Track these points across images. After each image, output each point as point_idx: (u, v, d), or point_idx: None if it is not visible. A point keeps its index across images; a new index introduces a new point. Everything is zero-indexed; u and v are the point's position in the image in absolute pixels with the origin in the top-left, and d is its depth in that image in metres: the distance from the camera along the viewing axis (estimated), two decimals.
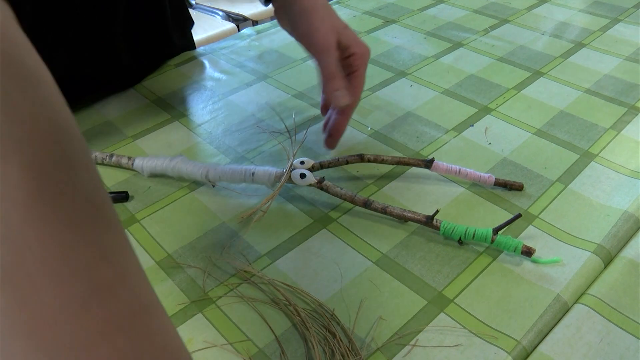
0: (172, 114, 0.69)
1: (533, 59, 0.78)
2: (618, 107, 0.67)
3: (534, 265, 0.47)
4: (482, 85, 0.72)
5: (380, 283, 0.46)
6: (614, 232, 0.49)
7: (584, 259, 0.47)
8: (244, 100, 0.71)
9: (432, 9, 0.95)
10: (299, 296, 0.45)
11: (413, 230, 0.50)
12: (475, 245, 0.49)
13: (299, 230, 0.51)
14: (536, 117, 0.66)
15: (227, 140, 0.63)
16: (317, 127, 0.65)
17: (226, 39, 0.89)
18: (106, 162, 0.60)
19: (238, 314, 0.43)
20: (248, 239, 0.50)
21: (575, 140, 0.61)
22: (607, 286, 0.44)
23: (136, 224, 0.53)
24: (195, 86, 0.75)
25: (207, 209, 0.54)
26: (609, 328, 0.41)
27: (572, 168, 0.57)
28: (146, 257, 0.49)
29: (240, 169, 0.53)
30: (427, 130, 0.64)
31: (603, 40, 0.83)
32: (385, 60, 0.79)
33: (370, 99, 0.70)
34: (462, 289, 0.45)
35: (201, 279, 0.47)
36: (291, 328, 0.42)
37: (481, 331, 0.41)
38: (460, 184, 0.56)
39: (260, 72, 0.77)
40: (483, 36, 0.85)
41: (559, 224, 0.51)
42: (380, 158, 0.55)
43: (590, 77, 0.74)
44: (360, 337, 0.41)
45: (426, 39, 0.85)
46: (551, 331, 0.41)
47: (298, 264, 0.47)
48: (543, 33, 0.86)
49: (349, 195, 0.51)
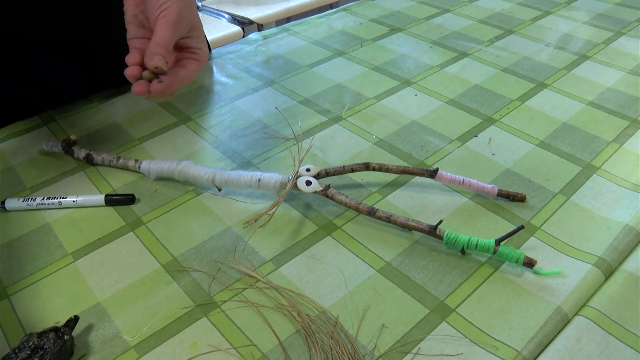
0: (179, 118, 0.70)
1: (537, 70, 0.79)
2: (620, 120, 0.68)
3: (535, 276, 0.47)
4: (487, 95, 0.73)
5: (383, 291, 0.46)
6: (614, 245, 0.50)
7: (585, 271, 0.47)
8: (250, 105, 0.72)
9: (437, 18, 0.96)
10: (303, 302, 0.45)
11: (416, 239, 0.51)
12: (478, 255, 0.49)
13: (304, 236, 0.51)
14: (539, 128, 0.66)
15: (233, 145, 0.64)
16: (323, 133, 0.66)
17: (233, 43, 0.89)
18: (113, 164, 0.60)
19: (243, 319, 0.44)
20: (253, 244, 0.51)
21: (578, 153, 0.62)
22: (607, 299, 0.45)
23: (142, 227, 0.53)
24: (201, 90, 0.76)
25: (212, 213, 0.54)
26: (609, 340, 0.42)
27: (574, 180, 0.58)
28: (152, 260, 0.50)
29: (247, 174, 0.54)
30: (431, 139, 0.64)
31: (606, 53, 0.84)
32: (390, 68, 0.80)
33: (376, 107, 0.70)
34: (463, 298, 0.46)
35: (206, 282, 0.47)
36: (295, 334, 0.43)
37: (482, 341, 0.42)
38: (463, 194, 0.56)
39: (266, 78, 0.78)
40: (488, 46, 0.86)
41: (561, 235, 0.51)
42: (386, 167, 0.56)
43: (593, 90, 0.74)
44: (363, 344, 0.42)
45: (431, 48, 0.86)
46: (551, 342, 0.42)
47: (302, 270, 0.48)
48: (547, 44, 0.87)
49: (353, 204, 0.51)
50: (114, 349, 0.42)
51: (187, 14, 0.51)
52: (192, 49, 0.53)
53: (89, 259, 0.50)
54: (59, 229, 0.53)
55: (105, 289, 0.47)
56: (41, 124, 0.69)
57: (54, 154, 0.63)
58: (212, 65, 0.82)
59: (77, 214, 0.55)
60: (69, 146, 0.62)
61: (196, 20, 0.54)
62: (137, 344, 0.42)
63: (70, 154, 0.62)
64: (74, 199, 0.55)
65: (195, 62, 0.53)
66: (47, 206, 0.55)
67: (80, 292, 0.47)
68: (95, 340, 0.43)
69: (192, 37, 0.53)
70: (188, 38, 0.53)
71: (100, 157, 0.61)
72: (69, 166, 0.62)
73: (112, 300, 0.46)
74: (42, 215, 0.55)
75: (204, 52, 0.54)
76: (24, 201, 0.55)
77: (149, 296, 0.46)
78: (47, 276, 0.48)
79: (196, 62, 0.53)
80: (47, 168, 0.61)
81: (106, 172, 0.60)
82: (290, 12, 1.94)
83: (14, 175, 0.60)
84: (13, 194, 0.58)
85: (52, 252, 0.51)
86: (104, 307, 0.45)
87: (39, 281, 0.48)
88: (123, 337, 0.43)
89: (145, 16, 0.51)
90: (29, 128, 0.68)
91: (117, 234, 0.53)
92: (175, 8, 0.49)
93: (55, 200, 0.55)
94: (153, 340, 0.43)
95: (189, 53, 0.53)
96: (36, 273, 0.49)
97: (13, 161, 0.63)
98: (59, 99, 0.73)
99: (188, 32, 0.52)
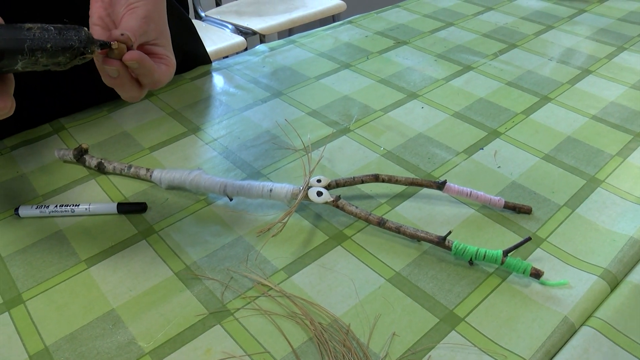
0: (188, 127, 0.71)
1: (540, 85, 0.80)
2: (624, 135, 0.69)
3: (542, 286, 0.48)
4: (492, 109, 0.74)
5: (393, 300, 0.47)
6: (619, 257, 0.51)
7: (591, 283, 0.48)
8: (259, 116, 0.73)
9: (442, 32, 0.98)
10: (315, 310, 0.46)
11: (425, 249, 0.52)
12: (485, 265, 0.50)
13: (315, 246, 0.52)
14: (544, 141, 0.67)
15: (243, 155, 0.65)
16: (331, 145, 0.67)
17: (240, 54, 0.91)
18: (124, 172, 0.61)
19: (256, 327, 0.45)
20: (265, 254, 0.52)
21: (582, 166, 0.63)
22: (613, 310, 0.46)
23: (154, 235, 0.54)
24: (210, 100, 0.77)
25: (224, 222, 0.55)
26: (615, 351, 0.43)
27: (579, 193, 0.59)
28: (165, 268, 0.50)
29: (258, 185, 0.55)
30: (438, 152, 0.65)
31: (609, 68, 0.85)
32: (396, 81, 0.81)
33: (383, 120, 0.72)
34: (472, 308, 0.46)
35: (219, 290, 0.48)
36: (308, 341, 0.43)
37: (491, 350, 0.43)
38: (470, 206, 0.57)
39: (274, 89, 0.79)
40: (492, 60, 0.87)
41: (566, 247, 0.52)
42: (395, 178, 0.57)
43: (596, 104, 0.75)
44: (375, 352, 0.43)
45: (437, 61, 0.87)
46: (559, 352, 0.43)
47: (314, 279, 0.49)
48: (550, 59, 0.88)
49: (364, 214, 0.52)
50: (129, 355, 0.43)
51: (156, 17, 0.50)
52: (160, 55, 0.52)
53: (102, 266, 0.51)
54: (72, 236, 0.54)
55: (119, 296, 0.48)
56: (52, 132, 0.70)
57: (65, 162, 0.64)
58: (220, 75, 0.83)
59: (90, 222, 0.56)
60: (81, 154, 0.63)
61: (165, 29, 0.53)
62: (152, 350, 0.43)
63: (82, 163, 0.63)
64: (87, 206, 0.56)
65: (164, 65, 0.51)
66: (60, 214, 0.56)
67: (95, 298, 0.48)
68: (111, 347, 0.43)
69: (159, 45, 0.52)
70: (155, 45, 0.51)
71: (111, 166, 0.62)
72: (81, 174, 0.62)
73: (126, 307, 0.47)
74: (55, 223, 0.56)
75: (172, 60, 0.52)
76: (37, 208, 0.56)
77: (162, 303, 0.47)
78: (62, 282, 0.49)
79: (166, 66, 0.51)
80: (59, 176, 0.62)
81: (117, 181, 0.61)
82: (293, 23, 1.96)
83: (27, 183, 0.61)
84: (26, 201, 0.59)
85: (65, 259, 0.52)
86: (118, 314, 0.46)
87: (53, 287, 0.49)
88: (138, 343, 0.44)
89: (112, 20, 0.50)
90: (40, 136, 0.69)
91: (130, 242, 0.53)
92: (143, 8, 0.49)
93: (68, 208, 0.56)
94: (168, 347, 0.43)
95: (157, 58, 0.51)
96: (51, 279, 0.50)
97: (25, 169, 0.63)
98: (69, 106, 0.74)
99: (155, 38, 0.51)
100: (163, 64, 0.51)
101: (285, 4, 2.09)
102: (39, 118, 0.72)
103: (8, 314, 0.46)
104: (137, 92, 0.50)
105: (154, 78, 0.49)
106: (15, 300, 0.48)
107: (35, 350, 0.43)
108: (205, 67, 0.86)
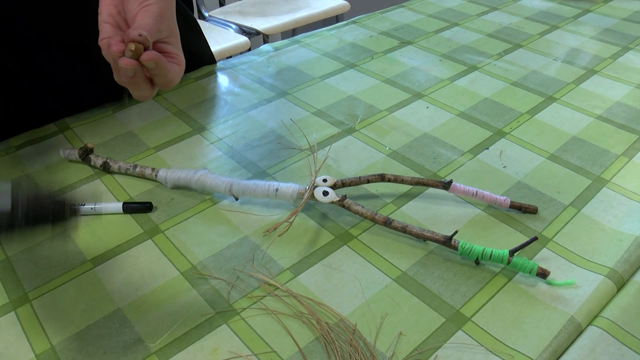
0: (193, 127, 0.71)
1: (545, 85, 0.80)
2: (629, 135, 0.69)
3: (548, 286, 0.48)
4: (497, 109, 0.74)
5: (400, 300, 0.47)
6: (626, 257, 0.51)
7: (597, 282, 0.48)
8: (264, 116, 0.73)
9: (446, 32, 0.97)
10: (322, 310, 0.46)
11: (431, 249, 0.52)
12: (491, 265, 0.50)
13: (321, 246, 0.52)
14: (549, 141, 0.67)
15: (248, 154, 0.65)
16: (336, 145, 0.67)
17: (245, 54, 0.91)
18: (130, 172, 0.61)
19: (262, 326, 0.45)
20: (271, 253, 0.52)
21: (588, 166, 0.63)
22: (620, 310, 0.46)
23: (160, 235, 0.54)
24: (215, 100, 0.77)
25: (229, 222, 0.55)
26: (622, 350, 0.42)
27: (584, 193, 0.59)
28: (171, 268, 0.50)
29: (264, 184, 0.55)
30: (443, 151, 0.65)
31: (614, 68, 0.85)
32: (401, 81, 0.81)
33: (388, 120, 0.72)
34: (478, 307, 0.46)
35: (225, 290, 0.48)
36: (314, 341, 0.43)
37: (498, 349, 0.43)
38: (476, 206, 0.57)
39: (279, 89, 0.79)
40: (497, 60, 0.87)
41: (572, 247, 0.52)
42: (400, 178, 0.57)
43: (601, 104, 0.75)
44: (382, 351, 0.43)
45: (441, 61, 0.87)
46: (566, 352, 0.43)
47: (320, 278, 0.49)
48: (555, 59, 0.88)
49: (370, 214, 0.52)
50: (135, 354, 0.43)
51: (168, 15, 0.50)
52: (171, 54, 0.51)
53: (108, 265, 0.51)
54: (77, 235, 0.54)
55: (125, 296, 0.48)
56: (57, 132, 0.70)
57: (71, 161, 0.64)
58: (224, 75, 0.83)
59: (95, 221, 0.56)
60: (87, 154, 0.63)
61: (175, 27, 0.52)
62: (159, 350, 0.43)
63: (87, 162, 0.63)
64: (92, 206, 0.56)
65: (176, 65, 0.51)
66: None
67: (101, 297, 0.48)
68: (117, 346, 0.44)
69: (169, 43, 0.51)
70: (166, 43, 0.51)
71: (117, 165, 0.62)
72: (86, 174, 0.63)
73: (132, 307, 0.47)
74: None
75: (182, 59, 0.52)
76: None
77: (169, 303, 0.47)
78: (68, 282, 0.49)
79: (177, 66, 0.51)
80: (64, 175, 0.62)
81: (123, 180, 0.61)
82: (297, 23, 1.96)
83: (32, 182, 0.61)
84: None
85: (71, 258, 0.52)
86: (124, 314, 0.46)
87: (59, 287, 0.49)
88: (144, 342, 0.44)
89: (123, 17, 0.50)
90: (46, 136, 0.69)
91: (136, 242, 0.53)
92: (157, 5, 0.49)
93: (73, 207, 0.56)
94: (174, 346, 0.43)
95: (169, 57, 0.51)
96: (56, 279, 0.50)
97: (31, 168, 0.64)
98: (74, 106, 0.74)
99: (167, 36, 0.51)
100: (174, 63, 0.51)
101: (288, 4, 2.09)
102: (44, 118, 0.72)
103: (14, 313, 0.47)
104: (150, 91, 0.50)
105: (168, 78, 0.49)
106: (22, 299, 0.48)
107: (41, 350, 0.43)
108: (210, 67, 0.86)
